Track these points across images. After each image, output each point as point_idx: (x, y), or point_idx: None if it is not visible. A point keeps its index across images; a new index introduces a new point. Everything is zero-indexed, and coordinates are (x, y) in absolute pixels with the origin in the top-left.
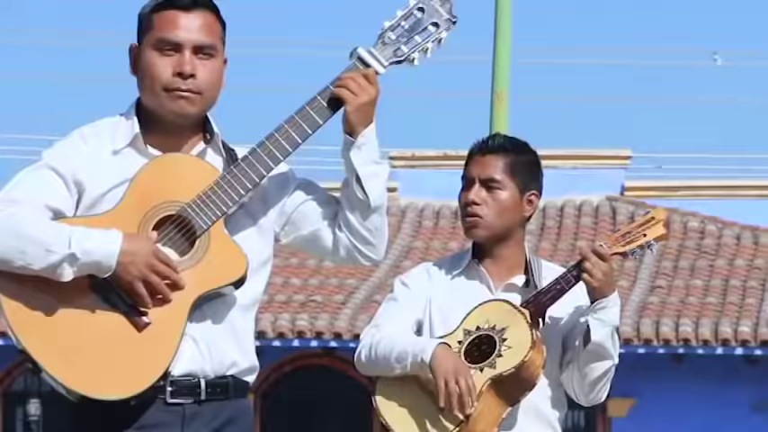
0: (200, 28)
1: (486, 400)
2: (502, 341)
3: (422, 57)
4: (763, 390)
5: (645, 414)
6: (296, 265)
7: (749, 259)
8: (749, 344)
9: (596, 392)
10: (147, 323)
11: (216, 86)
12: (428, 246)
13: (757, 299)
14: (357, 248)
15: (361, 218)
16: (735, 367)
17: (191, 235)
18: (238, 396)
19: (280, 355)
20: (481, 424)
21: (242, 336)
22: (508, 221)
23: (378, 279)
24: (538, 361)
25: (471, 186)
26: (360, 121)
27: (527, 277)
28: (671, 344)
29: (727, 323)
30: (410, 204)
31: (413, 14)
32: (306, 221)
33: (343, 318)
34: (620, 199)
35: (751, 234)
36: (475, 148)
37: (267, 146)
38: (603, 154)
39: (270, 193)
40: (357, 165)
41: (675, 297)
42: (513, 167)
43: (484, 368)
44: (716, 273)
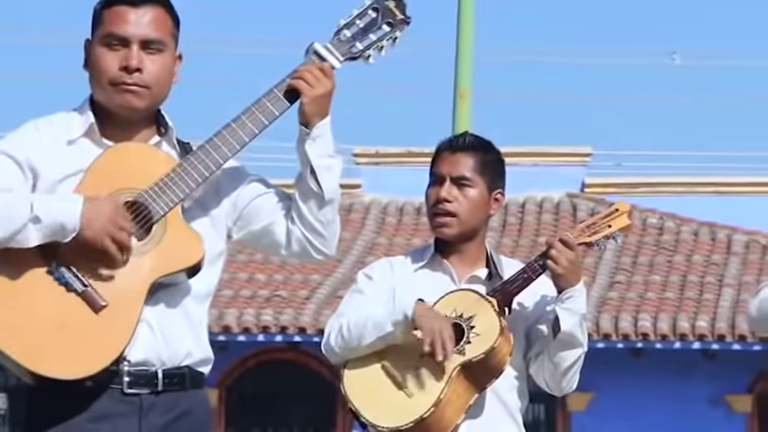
0: (149, 23)
1: (455, 386)
2: (470, 329)
3: (376, 55)
4: (719, 384)
5: (603, 408)
6: (261, 261)
7: (706, 255)
8: (706, 338)
9: (568, 381)
10: (104, 305)
11: (165, 81)
12: (391, 242)
13: (714, 294)
14: (310, 242)
15: (315, 210)
16: (692, 362)
17: (147, 221)
18: (194, 387)
19: (245, 350)
20: (450, 409)
21: (196, 326)
22: (477, 219)
23: (342, 274)
24: (505, 348)
25: (442, 183)
26: (315, 113)
27: (489, 270)
28: (630, 338)
29: (684, 318)
30: (374, 201)
31: (367, 14)
32: (258, 216)
33: (307, 313)
34: (581, 196)
35: (708, 230)
36: (444, 146)
37: (224, 135)
38: (564, 151)
39: (223, 188)
40: (312, 157)
41: (634, 292)
42: (482, 166)
43: (453, 355)
44: (674, 268)
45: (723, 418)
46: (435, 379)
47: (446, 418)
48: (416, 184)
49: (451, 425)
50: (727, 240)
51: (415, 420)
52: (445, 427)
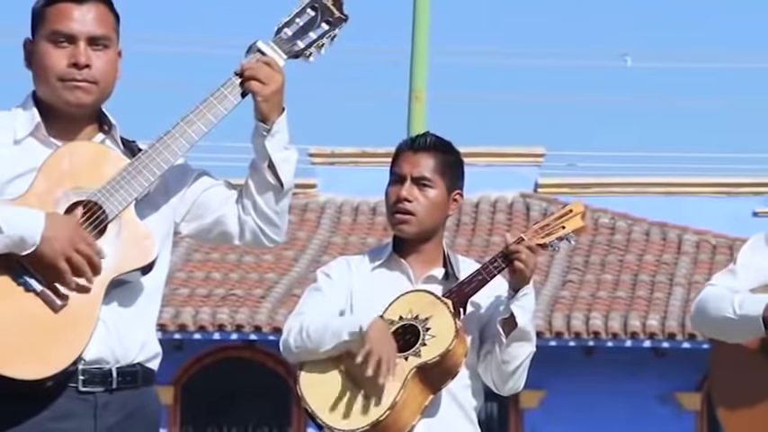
0: (94, 19)
1: (410, 388)
2: (425, 330)
3: (316, 53)
4: (669, 382)
5: (555, 405)
6: (217, 260)
7: (657, 254)
8: (657, 337)
9: (515, 381)
10: (63, 305)
11: (111, 77)
12: (347, 241)
13: (665, 293)
14: (263, 231)
15: (272, 201)
16: (643, 360)
17: (102, 221)
18: (146, 384)
19: (201, 348)
20: (406, 411)
21: (148, 323)
22: (436, 219)
23: (297, 273)
24: (461, 350)
25: (403, 183)
26: (272, 110)
27: (446, 270)
28: (581, 337)
29: (635, 317)
30: (329, 200)
31: (306, 12)
32: (208, 209)
33: (263, 311)
34: (534, 196)
35: (659, 230)
36: (405, 146)
37: (173, 134)
38: (517, 152)
39: (170, 184)
40: (271, 152)
41: (586, 291)
42: (443, 167)
43: (409, 356)
44: (625, 268)
45: (673, 415)
46: (391, 381)
47: (402, 419)
48: (371, 184)
49: (407, 426)
50: (678, 240)
51: (372, 423)
52: (401, 428)
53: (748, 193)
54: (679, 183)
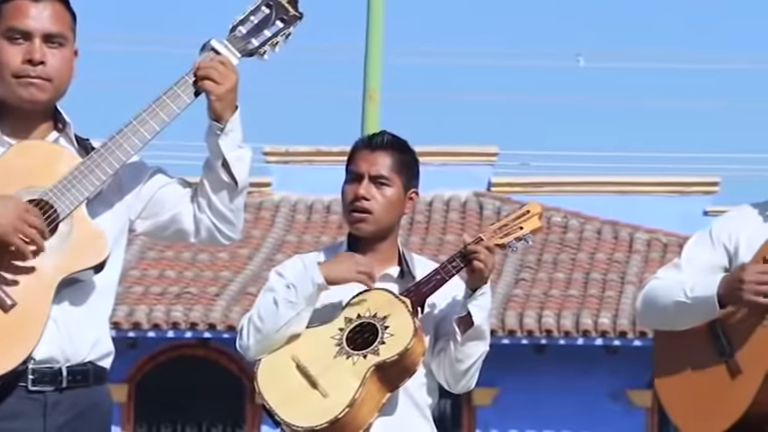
0: (50, 17)
1: (369, 385)
2: (384, 329)
3: (271, 51)
4: (621, 379)
5: (508, 402)
6: (171, 258)
7: (609, 253)
8: (608, 334)
9: (468, 379)
10: (13, 304)
11: (66, 75)
12: (301, 239)
13: (617, 291)
14: (219, 229)
15: (226, 199)
16: (595, 357)
17: (53, 220)
18: (97, 383)
19: (155, 346)
20: (364, 409)
21: (100, 321)
22: (392, 218)
23: (251, 272)
24: (419, 349)
25: (360, 181)
26: (225, 108)
27: (401, 268)
28: (534, 335)
29: (587, 315)
30: (283, 199)
31: (261, 10)
32: (164, 207)
33: (217, 309)
34: (487, 195)
35: (611, 229)
36: (363, 144)
37: (126, 133)
38: (471, 151)
39: (125, 182)
40: (225, 150)
41: (539, 289)
42: (399, 165)
43: (367, 354)
44: (577, 266)
45: (623, 412)
46: (350, 378)
47: (360, 417)
48: (326, 183)
49: (365, 424)
50: (630, 239)
51: (330, 420)
52: (359, 426)
53: (699, 193)
54: (631, 182)
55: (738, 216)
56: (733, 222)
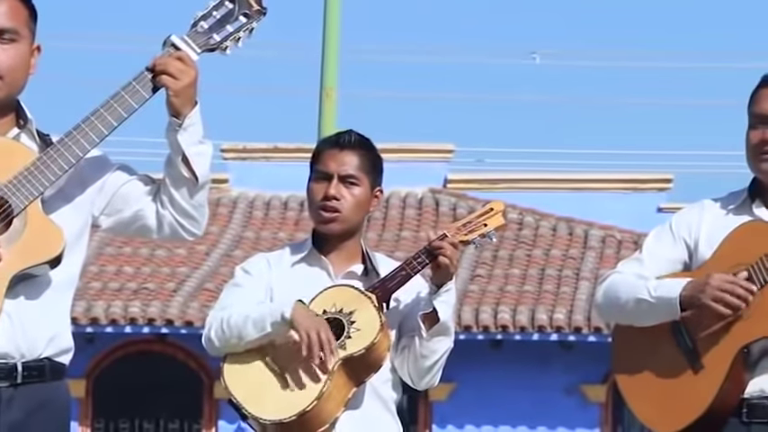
0: (2, 13)
1: (336, 379)
2: (350, 324)
3: (233, 46)
4: (575, 374)
5: (464, 398)
6: (129, 254)
7: (564, 249)
8: (563, 330)
9: (432, 375)
10: None
11: (19, 71)
12: (258, 235)
13: (571, 287)
14: (182, 225)
15: (187, 195)
16: (550, 353)
17: (7, 215)
18: (55, 378)
19: (112, 342)
20: (330, 403)
21: (58, 317)
22: (360, 216)
23: (209, 268)
24: (385, 343)
25: (329, 181)
26: (184, 104)
27: (365, 266)
28: (490, 330)
29: (543, 310)
30: (241, 195)
31: (224, 5)
32: (127, 203)
33: (174, 305)
34: (443, 191)
35: (566, 225)
36: (330, 144)
37: (83, 128)
38: (427, 148)
39: (87, 177)
40: (185, 146)
41: (494, 285)
42: (367, 165)
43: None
44: (533, 262)
45: (578, 406)
46: (317, 372)
47: (327, 410)
48: (283, 179)
49: (332, 417)
50: (584, 235)
51: (298, 414)
52: (326, 419)
53: (652, 190)
54: (585, 179)
55: (698, 211)
56: (693, 217)
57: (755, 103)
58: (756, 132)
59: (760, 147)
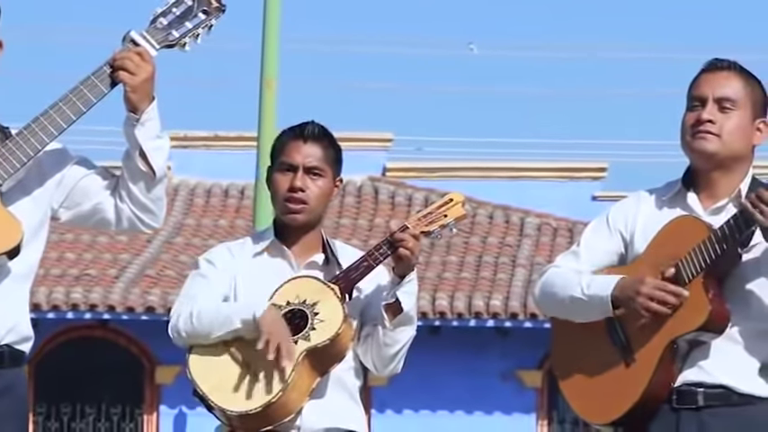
0: None
1: (300, 370)
2: (314, 315)
3: (192, 42)
4: (511, 360)
5: (403, 383)
6: (71, 241)
7: (501, 237)
8: (500, 316)
9: (396, 363)
10: None
11: None
12: (199, 223)
13: (508, 274)
14: (140, 218)
15: (145, 189)
16: (487, 339)
17: None
18: (13, 365)
19: (54, 327)
20: (295, 393)
21: (17, 306)
22: (324, 207)
23: (150, 254)
24: (348, 334)
25: (294, 172)
26: (142, 99)
27: (326, 255)
28: (428, 317)
29: (480, 297)
30: (182, 183)
31: (183, 2)
32: (86, 196)
33: (116, 291)
34: (382, 180)
35: (503, 213)
36: (294, 135)
37: (41, 121)
38: (366, 137)
39: (47, 170)
40: (142, 140)
41: (432, 272)
42: (330, 156)
43: (299, 340)
44: (470, 249)
45: (515, 392)
46: (281, 363)
47: (292, 401)
48: (223, 167)
49: (297, 407)
50: (521, 223)
51: (264, 404)
52: (291, 410)
53: (587, 178)
54: (522, 168)
55: (634, 203)
56: (629, 209)
57: (695, 86)
58: (692, 114)
59: (695, 126)
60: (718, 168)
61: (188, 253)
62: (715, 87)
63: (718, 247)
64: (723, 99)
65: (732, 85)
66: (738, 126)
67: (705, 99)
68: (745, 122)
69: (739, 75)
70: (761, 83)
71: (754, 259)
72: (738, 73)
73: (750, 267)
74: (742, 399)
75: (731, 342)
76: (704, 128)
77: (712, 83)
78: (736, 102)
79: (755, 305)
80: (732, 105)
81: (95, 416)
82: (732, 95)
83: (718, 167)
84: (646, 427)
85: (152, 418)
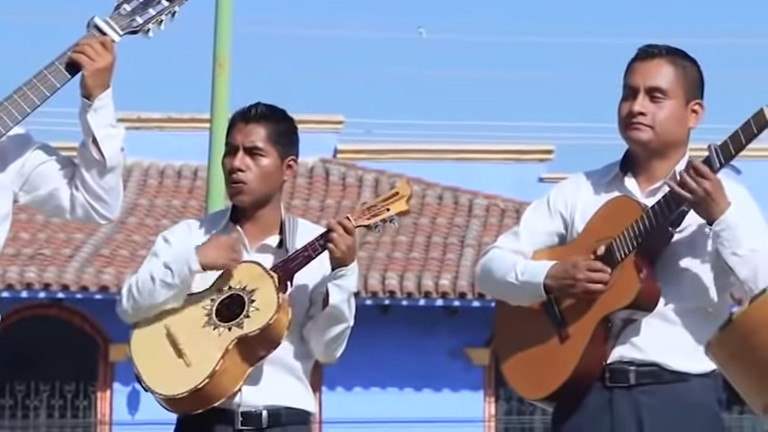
0: None
1: (231, 357)
2: (251, 302)
3: (156, 28)
4: (460, 338)
5: (353, 361)
6: (25, 221)
7: (450, 218)
8: (449, 296)
9: (331, 351)
10: None
11: None
12: (152, 203)
13: (456, 254)
14: (93, 207)
15: (97, 177)
16: (436, 317)
17: None
18: None
19: (8, 306)
20: (226, 378)
21: None
22: (270, 187)
23: (104, 234)
24: (283, 322)
25: (236, 153)
26: (97, 85)
27: (281, 238)
28: (378, 296)
29: (429, 277)
30: (135, 164)
31: None
32: (44, 182)
33: (70, 270)
34: (333, 161)
35: (452, 194)
36: (238, 117)
37: (5, 107)
38: (318, 119)
39: (9, 154)
40: (94, 127)
41: (382, 252)
42: (274, 135)
43: (232, 327)
44: (420, 230)
45: (463, 369)
46: (213, 350)
47: (221, 386)
48: (177, 148)
49: (228, 392)
50: (469, 204)
51: (190, 390)
52: (221, 395)
53: (534, 160)
54: (470, 150)
55: (574, 184)
56: (569, 190)
57: (627, 75)
58: (625, 104)
59: (627, 118)
60: (654, 155)
61: (141, 233)
62: (646, 77)
63: (649, 225)
64: (654, 89)
65: (662, 73)
66: (670, 115)
67: (637, 89)
68: (678, 109)
69: (670, 61)
70: (696, 62)
71: (687, 239)
72: (670, 60)
73: (683, 247)
74: (673, 376)
75: (664, 320)
76: (636, 120)
77: (643, 72)
78: (667, 91)
79: (688, 284)
80: (663, 95)
81: (49, 393)
82: (663, 85)
83: (654, 154)
84: (580, 405)
85: (105, 395)
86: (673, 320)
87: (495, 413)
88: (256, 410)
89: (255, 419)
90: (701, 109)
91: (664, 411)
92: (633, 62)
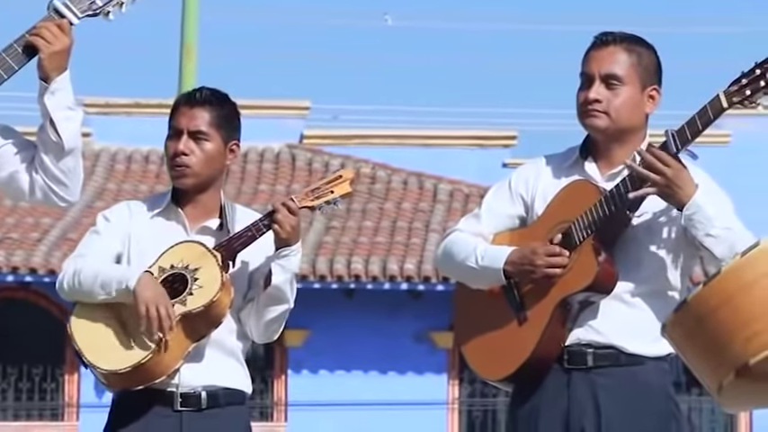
0: None
1: (175, 334)
2: (194, 280)
3: (117, 11)
4: (425, 322)
5: (319, 344)
6: None
7: (415, 203)
8: (413, 280)
9: (270, 332)
10: None
11: None
12: (120, 188)
13: (421, 239)
14: (52, 190)
15: (55, 160)
16: (400, 301)
17: None
18: None
19: None
20: (167, 356)
21: None
22: (212, 170)
23: (72, 218)
24: (225, 301)
25: (180, 137)
26: (53, 68)
27: (221, 221)
28: (343, 280)
29: (394, 261)
30: (103, 149)
31: None
32: (4, 164)
33: (38, 254)
34: (299, 147)
35: (417, 180)
36: (182, 101)
37: None
38: (284, 105)
39: None
40: (51, 109)
41: (348, 237)
42: (218, 120)
43: (175, 304)
44: (385, 215)
45: (427, 352)
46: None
47: (164, 363)
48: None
49: (169, 370)
50: (434, 189)
51: (133, 365)
52: (162, 371)
53: (498, 146)
54: (435, 135)
55: (536, 167)
56: (530, 174)
57: (584, 63)
58: (582, 92)
59: (584, 105)
60: (612, 140)
61: None
62: (601, 65)
63: (608, 209)
64: (609, 76)
65: (617, 60)
66: (626, 101)
67: (592, 77)
68: (634, 96)
69: (625, 48)
70: (652, 48)
71: (646, 222)
72: (624, 47)
73: (642, 230)
74: (630, 359)
75: (622, 303)
76: (592, 107)
77: (598, 60)
78: (622, 77)
79: (646, 267)
80: (618, 82)
81: (17, 376)
82: (618, 72)
83: (612, 139)
84: (538, 386)
85: (73, 378)
86: (631, 303)
87: (458, 396)
88: (195, 391)
89: (194, 400)
90: (658, 94)
91: (620, 393)
92: (589, 50)
